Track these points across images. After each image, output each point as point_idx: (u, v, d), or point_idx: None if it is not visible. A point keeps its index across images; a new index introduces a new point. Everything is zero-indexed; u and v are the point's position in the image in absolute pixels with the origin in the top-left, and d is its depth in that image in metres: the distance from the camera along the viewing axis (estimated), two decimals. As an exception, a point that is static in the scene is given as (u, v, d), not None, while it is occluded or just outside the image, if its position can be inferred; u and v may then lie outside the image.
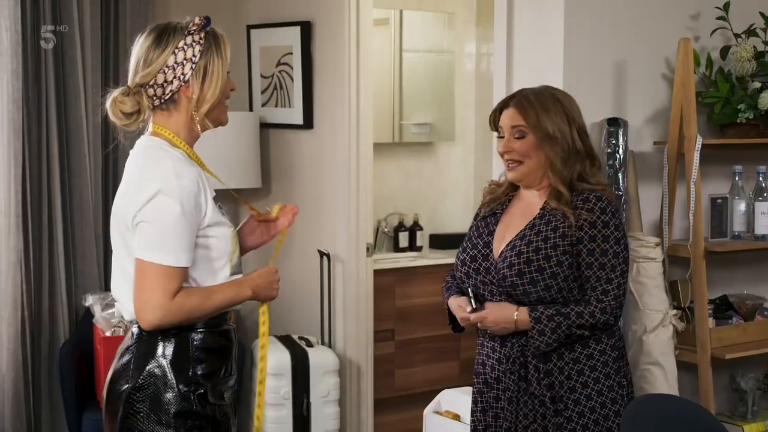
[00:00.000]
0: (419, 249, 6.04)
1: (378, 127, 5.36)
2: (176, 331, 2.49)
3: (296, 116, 4.92)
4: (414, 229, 6.06)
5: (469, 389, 3.78)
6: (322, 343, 4.74)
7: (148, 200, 2.42)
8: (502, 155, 2.97)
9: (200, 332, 2.51)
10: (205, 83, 2.52)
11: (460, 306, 2.95)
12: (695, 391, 3.80)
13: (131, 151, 2.59)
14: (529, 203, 2.99)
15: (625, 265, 2.90)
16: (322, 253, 4.76)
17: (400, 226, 6.03)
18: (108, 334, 4.25)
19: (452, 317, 3.06)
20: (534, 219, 2.93)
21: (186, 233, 2.43)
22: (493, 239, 2.98)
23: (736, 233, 3.91)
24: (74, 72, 4.55)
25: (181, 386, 2.48)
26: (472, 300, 2.91)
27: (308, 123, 4.88)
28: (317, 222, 4.85)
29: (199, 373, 2.50)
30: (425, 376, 5.61)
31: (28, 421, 4.46)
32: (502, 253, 2.92)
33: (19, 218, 4.41)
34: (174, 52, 2.50)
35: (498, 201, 3.04)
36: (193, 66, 2.51)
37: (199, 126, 2.55)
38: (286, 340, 4.62)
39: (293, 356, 4.45)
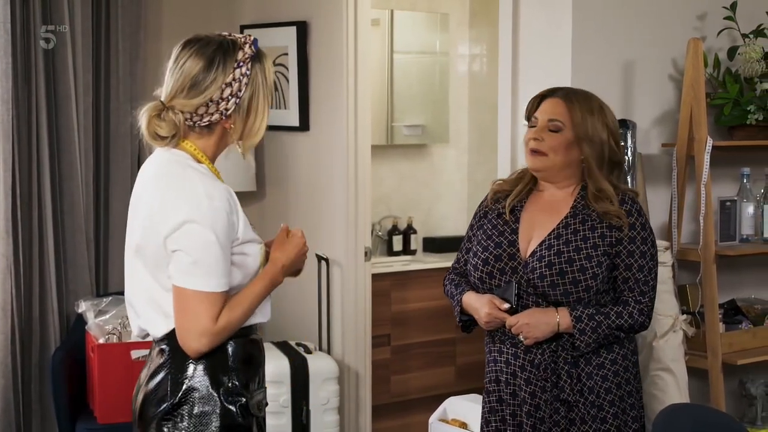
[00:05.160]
0: (413, 252, 5.96)
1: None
2: None
3: (292, 118, 4.82)
4: (408, 232, 5.98)
5: (476, 396, 3.72)
6: (320, 349, 4.65)
7: (178, 227, 2.32)
8: (527, 142, 2.88)
9: (233, 342, 2.43)
10: (249, 118, 2.42)
11: (491, 302, 2.82)
12: (705, 397, 3.75)
13: (149, 161, 2.48)
14: (554, 201, 2.91)
15: (657, 268, 2.88)
16: (320, 258, 4.67)
17: (394, 230, 5.95)
18: (101, 341, 4.14)
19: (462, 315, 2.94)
20: (566, 218, 2.86)
21: (221, 257, 2.34)
22: (518, 238, 2.88)
23: (744, 236, 3.87)
24: (65, 73, 4.43)
25: (222, 398, 2.39)
26: (515, 298, 2.79)
27: (304, 125, 4.79)
28: (314, 226, 4.75)
29: (237, 384, 2.41)
30: (421, 381, 5.53)
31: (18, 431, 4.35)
32: (534, 252, 2.83)
33: (9, 222, 4.29)
34: (222, 87, 2.37)
35: (517, 197, 2.93)
36: (238, 101, 2.39)
37: (243, 155, 2.48)
38: (284, 347, 4.52)
39: (292, 363, 4.35)
